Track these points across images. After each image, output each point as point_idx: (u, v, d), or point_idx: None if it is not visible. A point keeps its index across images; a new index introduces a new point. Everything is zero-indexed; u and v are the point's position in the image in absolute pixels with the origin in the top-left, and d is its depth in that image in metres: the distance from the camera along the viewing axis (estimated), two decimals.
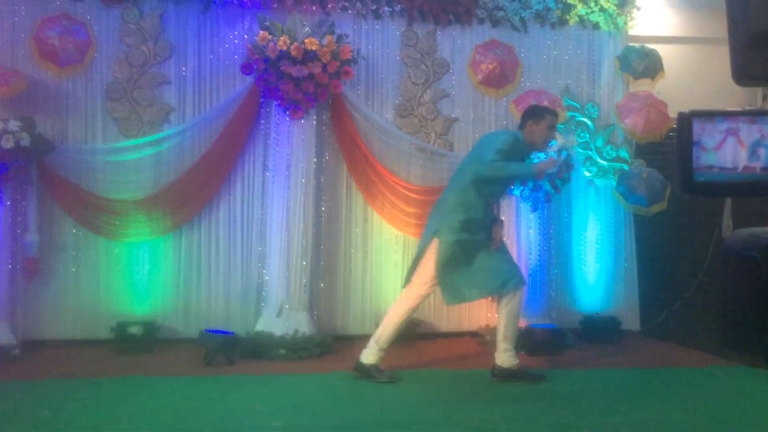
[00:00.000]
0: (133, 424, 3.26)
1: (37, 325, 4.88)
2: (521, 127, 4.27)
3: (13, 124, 4.53)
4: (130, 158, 4.98)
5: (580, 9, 5.64)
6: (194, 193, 5.07)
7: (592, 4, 5.64)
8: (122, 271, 5.01)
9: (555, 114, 4.36)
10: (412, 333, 5.18)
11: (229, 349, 4.53)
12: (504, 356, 4.11)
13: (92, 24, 5.03)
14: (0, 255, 4.61)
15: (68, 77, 4.99)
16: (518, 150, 4.15)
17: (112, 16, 5.07)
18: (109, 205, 4.93)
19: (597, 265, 5.59)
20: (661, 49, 5.69)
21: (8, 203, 4.65)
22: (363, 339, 5.16)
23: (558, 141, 5.12)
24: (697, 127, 1.95)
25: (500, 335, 4.12)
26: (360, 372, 4.11)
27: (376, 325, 5.17)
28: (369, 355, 4.13)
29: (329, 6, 5.27)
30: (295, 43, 4.75)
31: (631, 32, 5.84)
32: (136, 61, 5.08)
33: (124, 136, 5.04)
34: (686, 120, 2.14)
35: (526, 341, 4.90)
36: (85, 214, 4.92)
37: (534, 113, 4.25)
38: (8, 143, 4.46)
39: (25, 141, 4.55)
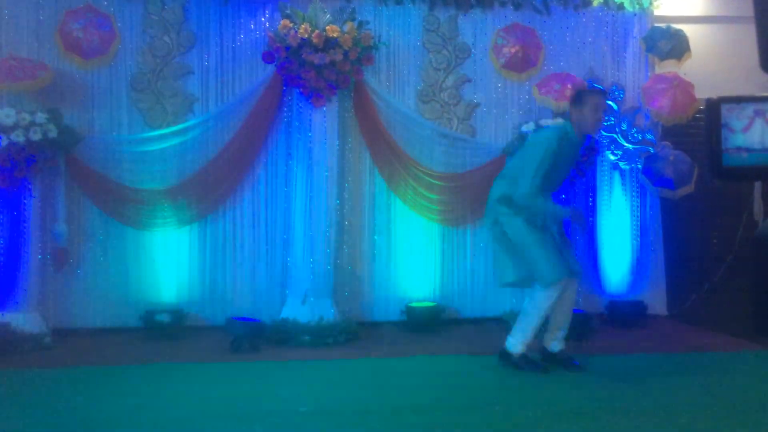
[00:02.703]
0: (162, 410, 3.31)
1: (67, 314, 4.99)
2: (569, 116, 4.02)
3: (41, 117, 4.62)
4: (155, 148, 5.03)
5: None
6: (219, 182, 5.11)
7: None
8: (150, 260, 5.08)
9: (598, 92, 4.09)
10: (437, 318, 5.19)
11: (255, 336, 4.58)
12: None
13: (116, 16, 5.09)
14: (30, 245, 4.71)
15: (93, 69, 5.06)
16: (567, 145, 3.93)
17: (135, 7, 5.12)
18: (135, 194, 4.99)
19: (623, 249, 5.53)
20: (688, 29, 5.58)
21: (37, 194, 4.74)
22: (387, 325, 5.22)
23: None
24: (725, 110, 1.93)
25: None
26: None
27: (401, 312, 5.24)
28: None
29: None
30: (317, 31, 4.76)
31: (656, 12, 5.75)
32: (160, 52, 5.13)
33: (149, 127, 5.10)
34: (715, 106, 2.14)
35: None
36: (113, 204, 4.99)
37: (574, 100, 3.98)
38: (36, 135, 4.55)
39: (53, 133, 4.63)
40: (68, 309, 4.99)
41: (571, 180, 5.14)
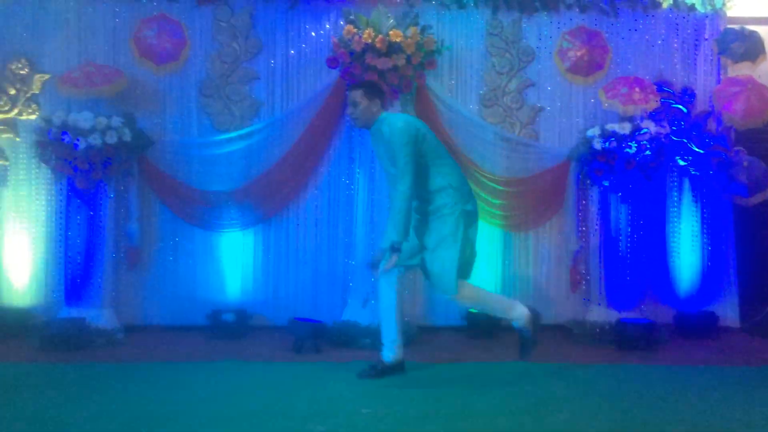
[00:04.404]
0: (227, 407, 3.39)
1: (138, 311, 5.17)
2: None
3: (117, 120, 4.80)
4: (222, 151, 5.16)
5: None
6: (282, 185, 5.20)
7: None
8: (216, 260, 5.21)
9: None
10: (497, 325, 5.13)
11: (317, 338, 4.64)
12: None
13: (186, 23, 5.25)
14: (105, 244, 4.90)
15: (165, 75, 5.22)
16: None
17: (205, 15, 5.27)
18: (203, 196, 5.14)
19: (693, 257, 5.36)
20: (763, 31, 5.39)
21: (112, 195, 4.93)
22: (447, 330, 5.21)
23: (650, 128, 4.98)
24: None
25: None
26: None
27: (461, 316, 5.22)
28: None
29: None
30: (380, 36, 4.79)
31: (729, 14, 5.55)
32: (228, 58, 5.26)
33: (217, 131, 5.23)
34: None
35: (617, 336, 4.79)
36: (182, 206, 5.14)
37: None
38: (112, 138, 4.73)
39: (127, 136, 4.81)
40: (139, 306, 5.18)
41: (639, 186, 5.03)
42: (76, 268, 4.85)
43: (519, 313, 3.98)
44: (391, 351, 4.04)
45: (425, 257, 3.92)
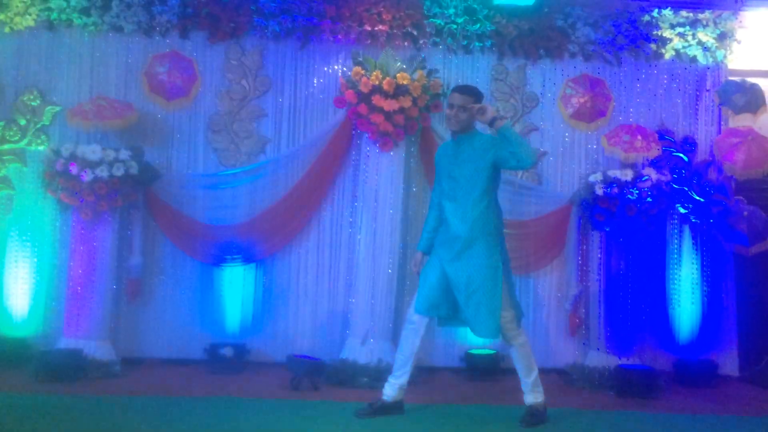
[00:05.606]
0: None
1: (136, 344, 5.16)
2: None
3: (125, 153, 4.86)
4: (227, 187, 5.21)
5: (677, 43, 5.52)
6: (286, 221, 5.23)
7: (690, 38, 5.51)
8: (217, 294, 5.21)
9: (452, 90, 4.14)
10: (496, 366, 5.12)
11: (315, 375, 4.62)
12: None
13: (198, 60, 5.34)
14: (107, 276, 4.91)
15: (175, 110, 5.30)
16: (442, 152, 4.18)
17: (217, 52, 5.37)
18: (206, 230, 5.15)
19: (693, 305, 5.35)
20: (764, 84, 5.47)
21: (116, 227, 4.96)
22: (446, 371, 5.18)
23: (651, 176, 5.04)
24: None
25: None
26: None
27: (460, 358, 5.20)
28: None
29: (421, 42, 5.38)
30: (388, 78, 4.89)
31: (731, 66, 5.66)
32: (237, 95, 5.35)
33: (223, 166, 5.29)
34: None
35: (616, 382, 4.76)
36: (184, 239, 5.16)
37: None
38: (119, 171, 4.78)
39: (134, 169, 4.86)
40: (137, 339, 5.16)
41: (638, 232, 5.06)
42: (77, 298, 4.85)
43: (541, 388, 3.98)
44: (393, 390, 4.01)
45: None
